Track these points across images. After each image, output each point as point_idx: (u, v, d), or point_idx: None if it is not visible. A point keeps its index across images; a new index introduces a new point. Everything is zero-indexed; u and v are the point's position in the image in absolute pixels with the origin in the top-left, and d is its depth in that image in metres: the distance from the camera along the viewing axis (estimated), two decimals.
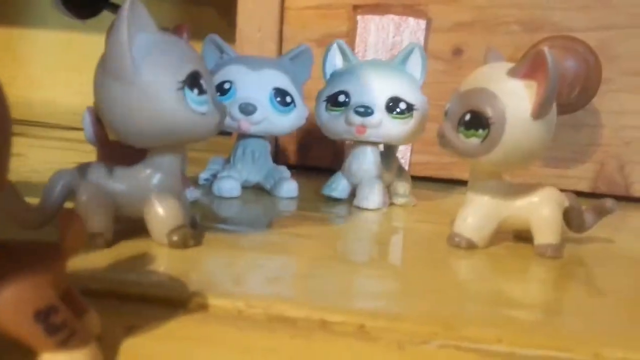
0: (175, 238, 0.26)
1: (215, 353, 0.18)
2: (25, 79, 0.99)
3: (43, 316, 0.15)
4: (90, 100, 0.33)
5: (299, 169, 0.49)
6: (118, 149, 0.34)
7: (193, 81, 0.25)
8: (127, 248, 0.26)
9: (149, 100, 0.24)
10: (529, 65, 0.27)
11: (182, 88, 0.24)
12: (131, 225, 0.28)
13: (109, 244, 0.26)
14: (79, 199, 0.26)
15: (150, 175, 0.27)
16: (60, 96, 0.98)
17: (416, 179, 0.46)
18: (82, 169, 0.27)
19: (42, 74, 0.99)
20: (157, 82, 0.24)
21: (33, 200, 0.26)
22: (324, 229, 0.34)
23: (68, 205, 0.26)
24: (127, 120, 0.24)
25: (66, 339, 0.15)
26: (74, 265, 0.24)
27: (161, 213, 0.26)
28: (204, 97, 0.25)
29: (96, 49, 0.27)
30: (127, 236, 0.27)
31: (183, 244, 0.27)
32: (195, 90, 0.25)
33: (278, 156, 0.51)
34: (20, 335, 0.15)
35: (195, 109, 0.25)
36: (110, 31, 0.24)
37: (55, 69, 0.99)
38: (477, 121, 0.28)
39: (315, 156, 0.51)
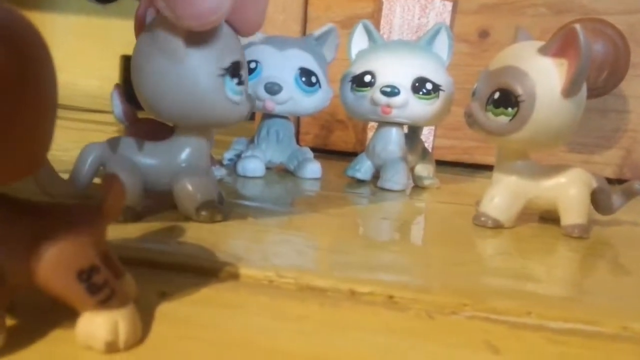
0: (203, 213, 0.27)
1: (247, 319, 0.18)
2: None
3: (85, 275, 0.15)
4: (109, 84, 0.34)
5: (321, 152, 0.49)
6: (146, 127, 0.35)
7: (234, 71, 0.25)
8: (156, 221, 0.27)
9: (191, 81, 0.24)
10: (561, 43, 0.27)
11: (224, 75, 0.25)
12: (159, 200, 0.28)
13: (139, 216, 0.27)
14: (110, 171, 0.26)
15: (179, 150, 0.27)
16: (80, 79, 0.99)
17: (439, 163, 0.46)
18: (113, 142, 0.27)
19: (63, 57, 1.00)
20: (201, 66, 0.24)
21: (62, 175, 0.26)
22: (348, 208, 0.34)
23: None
24: (165, 96, 0.25)
25: (107, 299, 0.16)
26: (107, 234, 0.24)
27: (190, 188, 0.27)
28: (241, 88, 0.26)
29: (116, 34, 0.27)
30: (155, 210, 0.28)
31: (210, 219, 0.27)
32: (235, 80, 0.25)
33: (299, 139, 0.52)
34: (63, 294, 0.15)
35: (231, 97, 0.25)
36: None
37: (76, 53, 1.00)
38: (506, 99, 0.28)
39: (337, 140, 0.51)
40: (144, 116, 0.34)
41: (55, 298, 0.15)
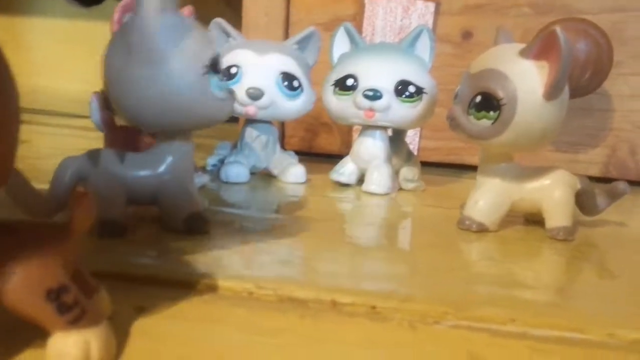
0: (190, 223, 0.26)
1: (225, 334, 0.18)
2: (29, 66, 0.99)
3: (54, 295, 0.15)
4: (92, 88, 0.33)
5: (306, 156, 0.49)
6: (125, 134, 0.34)
7: (215, 66, 0.25)
8: (139, 232, 0.26)
9: (176, 85, 0.23)
10: (541, 46, 0.27)
11: (207, 73, 0.24)
12: (139, 210, 0.28)
13: (123, 231, 0.26)
14: (91, 186, 0.25)
15: (162, 159, 0.26)
16: (63, 84, 0.98)
17: (425, 164, 0.46)
18: (92, 155, 0.26)
19: (46, 61, 0.99)
20: (184, 68, 0.24)
21: (41, 187, 0.25)
22: (333, 213, 0.34)
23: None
24: (148, 104, 0.24)
25: (77, 319, 0.15)
26: (85, 247, 0.24)
27: (176, 200, 0.26)
28: (224, 82, 0.25)
29: (99, 37, 0.27)
30: (138, 222, 0.27)
31: (198, 230, 0.26)
32: (218, 75, 0.25)
33: (285, 142, 0.51)
34: (32, 314, 0.15)
35: (216, 94, 0.25)
36: (135, 15, 0.23)
37: (58, 56, 0.99)
38: (488, 103, 0.28)
39: (323, 142, 0.51)
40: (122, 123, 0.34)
41: (26, 318, 0.15)
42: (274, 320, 0.19)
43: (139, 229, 0.27)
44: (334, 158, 0.42)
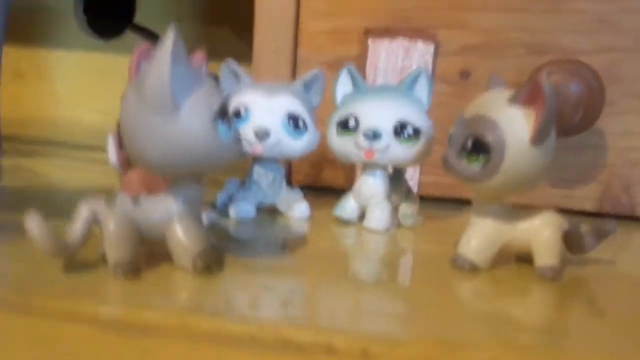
0: (199, 263, 0.28)
1: None
2: (50, 97, 1.03)
3: None
4: (111, 119, 0.36)
5: (312, 190, 0.50)
6: (140, 174, 0.36)
7: (223, 112, 0.26)
8: (147, 271, 0.28)
9: (187, 133, 0.25)
10: (527, 94, 0.29)
11: (215, 120, 0.26)
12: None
13: (138, 271, 0.28)
14: (107, 228, 0.27)
15: (173, 201, 0.28)
16: (83, 114, 1.01)
17: (425, 199, 0.47)
18: (109, 199, 0.28)
19: (67, 92, 1.03)
20: (195, 116, 0.25)
21: (59, 222, 0.27)
22: (335, 249, 0.36)
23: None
24: (160, 151, 0.25)
25: None
26: (92, 289, 0.26)
27: (183, 239, 0.28)
28: (231, 127, 0.27)
29: (118, 69, 0.29)
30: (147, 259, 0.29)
31: (207, 269, 0.28)
32: (225, 121, 0.26)
33: (290, 177, 0.53)
34: None
35: (224, 139, 0.26)
36: (151, 64, 0.25)
37: (79, 88, 1.02)
38: (478, 147, 0.29)
39: (326, 177, 0.53)
40: None
41: None
42: None
43: (150, 267, 0.28)
44: (339, 192, 0.43)
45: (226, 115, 0.27)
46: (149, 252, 0.29)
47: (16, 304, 0.24)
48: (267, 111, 0.40)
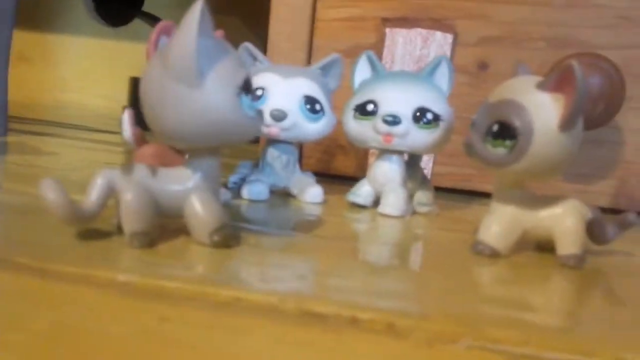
0: (216, 238, 0.27)
1: (250, 344, 0.19)
2: (58, 82, 1.02)
3: None
4: (117, 104, 0.35)
5: (322, 177, 0.50)
6: (153, 150, 0.35)
7: (247, 86, 0.26)
8: (162, 244, 0.27)
9: (211, 105, 0.25)
10: (558, 79, 0.28)
11: (239, 93, 0.26)
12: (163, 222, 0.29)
13: (153, 242, 0.27)
14: (124, 197, 0.26)
15: (191, 175, 0.28)
16: (90, 99, 1.01)
17: (438, 190, 0.47)
18: (126, 168, 0.28)
19: (74, 78, 1.02)
20: (219, 88, 0.25)
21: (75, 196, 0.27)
22: (349, 233, 0.35)
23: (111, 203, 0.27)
24: (183, 122, 0.25)
25: None
26: (109, 257, 0.25)
27: (202, 213, 0.27)
28: (254, 102, 0.27)
29: (126, 56, 0.28)
30: (164, 234, 0.29)
31: (224, 244, 0.28)
32: (249, 96, 0.26)
33: (302, 163, 0.53)
34: None
35: (247, 113, 0.26)
36: (177, 34, 0.25)
37: (86, 73, 1.01)
38: (504, 132, 0.29)
39: (339, 164, 0.52)
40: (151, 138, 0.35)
41: None
42: (297, 333, 0.20)
43: (165, 240, 0.28)
44: (349, 180, 0.43)
45: (250, 89, 0.27)
46: (163, 225, 0.29)
47: (31, 268, 0.23)
48: (284, 93, 0.40)
